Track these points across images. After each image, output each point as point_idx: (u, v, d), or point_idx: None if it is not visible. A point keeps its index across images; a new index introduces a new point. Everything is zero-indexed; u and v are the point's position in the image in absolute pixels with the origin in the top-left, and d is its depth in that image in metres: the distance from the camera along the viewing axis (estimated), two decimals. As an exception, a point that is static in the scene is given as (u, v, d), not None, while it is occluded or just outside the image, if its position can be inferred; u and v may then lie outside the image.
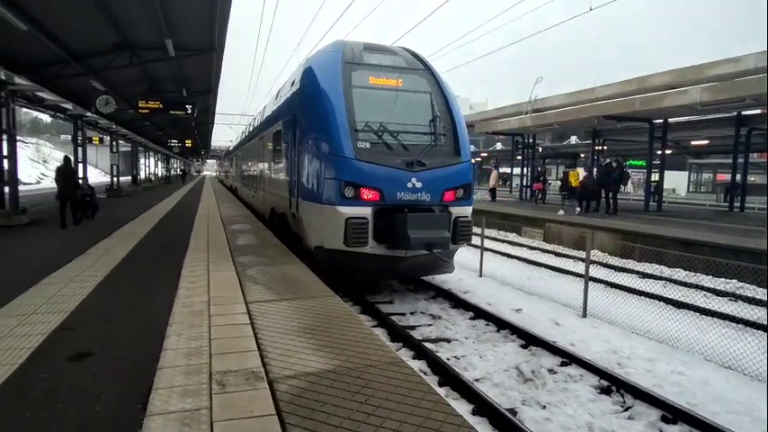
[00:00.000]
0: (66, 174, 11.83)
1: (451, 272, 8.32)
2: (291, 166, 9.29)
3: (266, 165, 13.12)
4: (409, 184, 7.58)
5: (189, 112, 15.23)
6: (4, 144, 11.98)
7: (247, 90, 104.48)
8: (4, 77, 11.37)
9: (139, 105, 14.75)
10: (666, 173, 20.40)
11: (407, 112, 8.19)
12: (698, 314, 7.84)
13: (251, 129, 19.43)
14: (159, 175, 52.78)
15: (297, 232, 8.98)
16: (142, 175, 40.98)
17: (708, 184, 40.51)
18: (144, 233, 10.41)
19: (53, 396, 3.21)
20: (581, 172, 18.72)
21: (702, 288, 9.44)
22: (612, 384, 5.32)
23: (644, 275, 10.56)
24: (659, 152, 19.42)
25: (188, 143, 33.30)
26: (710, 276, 9.93)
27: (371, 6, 19.60)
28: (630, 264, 11.54)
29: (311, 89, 8.24)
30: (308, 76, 8.44)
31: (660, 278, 10.25)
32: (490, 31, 18.55)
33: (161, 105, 14.92)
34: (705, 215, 17.58)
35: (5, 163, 12.10)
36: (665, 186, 20.61)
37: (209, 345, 4.02)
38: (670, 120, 19.02)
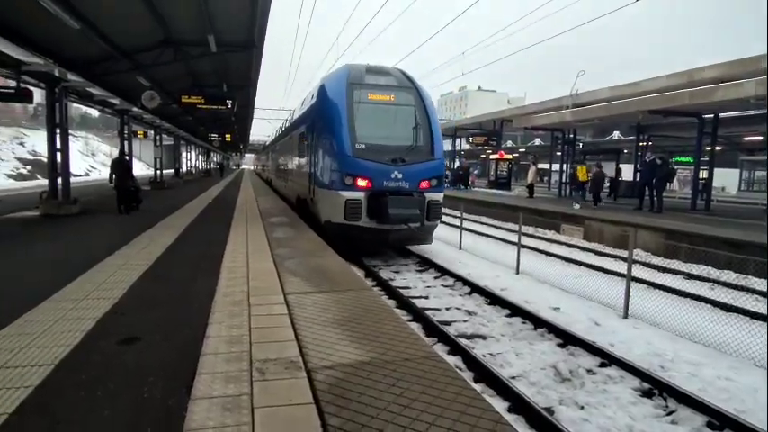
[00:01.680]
0: (122, 165, 12.94)
1: (430, 243, 11.29)
2: (310, 161, 12.23)
3: (293, 160, 16.44)
4: (392, 175, 10.30)
5: (229, 106, 15.59)
6: (57, 138, 12.60)
7: (285, 85, 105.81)
8: (58, 74, 11.94)
9: (182, 100, 15.20)
10: (716, 170, 19.54)
11: (395, 122, 10.83)
12: (748, 318, 7.51)
13: (282, 129, 23.62)
14: (200, 168, 54.27)
15: (313, 212, 11.88)
16: (184, 169, 42.23)
17: (761, 182, 38.52)
18: (186, 224, 10.76)
19: (105, 377, 3.39)
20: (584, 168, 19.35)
21: (753, 291, 9.02)
22: (655, 387, 5.17)
23: (690, 276, 10.18)
24: (708, 148, 18.60)
25: (227, 137, 34.05)
26: (762, 279, 9.47)
27: (407, 3, 19.52)
28: (675, 264, 11.15)
29: (323, 103, 11.12)
30: (322, 92, 11.36)
31: (707, 280, 9.86)
32: (523, 28, 18.18)
33: (203, 100, 15.33)
34: (757, 215, 16.77)
35: (58, 156, 12.73)
36: (713, 184, 19.75)
37: (250, 333, 4.13)
38: (721, 114, 18.18)
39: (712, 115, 17.82)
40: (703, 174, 18.76)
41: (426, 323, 6.94)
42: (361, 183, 10.28)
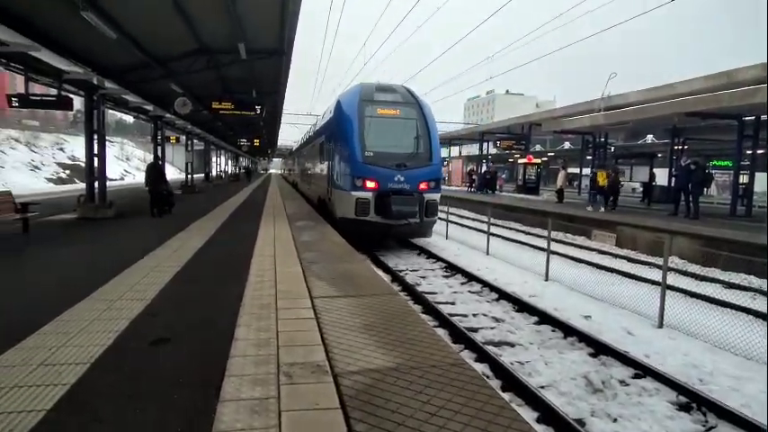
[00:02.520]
0: (156, 170, 13.46)
1: (429, 237, 13.64)
2: (328, 166, 14.81)
3: (314, 165, 19.69)
4: (396, 178, 12.43)
5: (258, 112, 15.84)
6: (95, 143, 13.05)
7: (313, 90, 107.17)
8: (96, 82, 12.38)
9: (212, 106, 15.52)
10: (757, 175, 18.79)
11: (399, 133, 13.04)
12: (793, 330, 7.17)
13: (306, 137, 27.37)
14: (229, 172, 55.28)
15: (330, 210, 14.17)
16: (213, 173, 43.09)
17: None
18: (215, 228, 10.98)
19: (137, 377, 3.46)
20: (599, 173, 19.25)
21: (798, 301, 8.61)
22: (693, 401, 4.99)
23: (729, 285, 9.81)
24: (749, 152, 17.92)
25: (256, 142, 34.63)
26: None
27: (437, 6, 19.49)
28: (714, 272, 10.76)
29: (339, 117, 13.51)
30: (338, 108, 13.74)
31: (749, 289, 9.47)
32: (553, 30, 17.91)
33: (232, 106, 15.62)
34: (802, 221, 16.03)
35: (95, 161, 13.17)
36: (754, 189, 19.01)
37: (277, 337, 4.17)
38: (763, 117, 17.50)
39: (753, 117, 17.18)
40: (743, 178, 18.07)
41: (453, 329, 6.88)
42: (370, 184, 12.40)
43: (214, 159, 44.44)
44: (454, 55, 27.17)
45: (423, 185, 12.67)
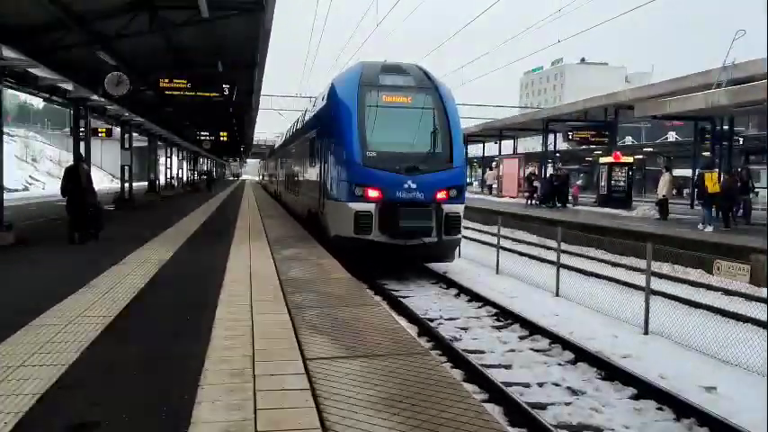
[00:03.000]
0: (78, 176, 13.22)
1: (451, 261, 14.94)
2: (320, 170, 15.74)
3: (302, 169, 20.76)
4: (405, 186, 13.22)
5: (226, 93, 16.12)
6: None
7: (303, 66, 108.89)
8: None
9: (161, 85, 15.82)
10: None
11: (411, 126, 13.96)
12: None
13: (292, 132, 28.17)
14: (186, 179, 55.98)
15: (323, 226, 15.05)
16: (162, 180, 43.61)
17: None
18: (165, 259, 11.10)
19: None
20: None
21: None
22: None
23: None
24: None
25: (223, 137, 34.99)
26: None
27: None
28: None
29: (333, 106, 14.51)
30: (332, 95, 14.73)
31: None
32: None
33: (189, 85, 15.91)
34: None
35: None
36: None
37: (255, 419, 4.15)
38: None
39: None
40: None
41: (510, 406, 6.81)
42: (372, 193, 13.27)
43: (163, 161, 45.17)
44: (505, 8, 27.34)
45: (441, 194, 13.60)
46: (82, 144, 20.09)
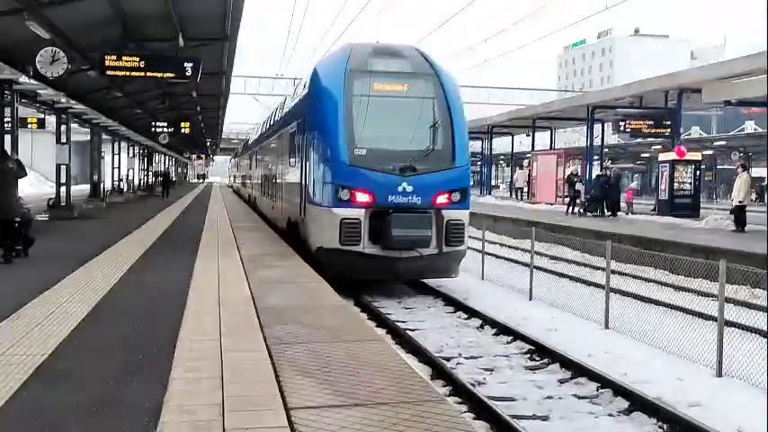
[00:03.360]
0: (1, 178, 13.30)
1: (454, 277, 15.71)
2: (301, 170, 16.80)
3: (280, 170, 22.30)
4: (400, 188, 14.11)
5: (188, 74, 16.12)
6: None
7: (286, 41, 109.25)
8: None
9: (107, 64, 15.83)
10: None
11: (407, 119, 15.00)
12: None
13: (270, 123, 29.53)
14: (139, 181, 55.99)
15: (304, 237, 16.23)
16: (108, 183, 43.62)
17: None
18: (113, 281, 11.11)
19: None
20: None
21: None
22: None
23: None
24: None
25: (185, 128, 35.02)
26: None
27: None
28: None
29: (315, 96, 15.53)
30: (314, 82, 15.76)
31: None
32: None
33: (142, 64, 15.92)
34: None
35: None
36: None
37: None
38: None
39: None
40: None
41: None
42: (362, 198, 14.25)
43: (109, 159, 45.25)
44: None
45: (441, 198, 14.63)
46: (7, 138, 20.04)
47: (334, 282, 12.25)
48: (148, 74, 16.18)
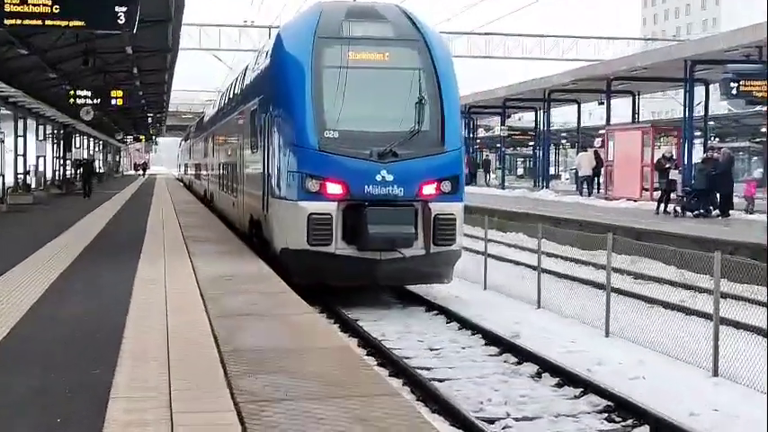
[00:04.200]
0: None
1: (446, 283, 17.89)
2: (263, 157, 18.89)
3: (243, 156, 24.49)
4: (378, 177, 15.78)
5: (121, 21, 16.15)
6: None
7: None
8: None
9: (6, 9, 15.87)
10: None
11: (387, 94, 17.11)
12: None
13: (229, 97, 32.49)
14: (54, 173, 55.91)
15: (268, 237, 18.29)
16: (10, 177, 43.64)
17: None
18: (24, 307, 11.09)
19: None
20: None
21: None
22: None
23: None
24: None
25: (116, 98, 35.05)
26: None
27: None
28: None
29: (279, 68, 17.55)
30: (277, 51, 17.80)
31: None
32: None
33: (57, 9, 15.95)
34: None
35: None
36: None
37: None
38: None
39: None
40: None
41: None
42: (333, 189, 16.09)
43: (9, 142, 45.22)
44: None
45: (428, 189, 16.51)
46: None
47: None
48: (66, 23, 16.19)
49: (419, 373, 12.62)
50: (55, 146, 58.62)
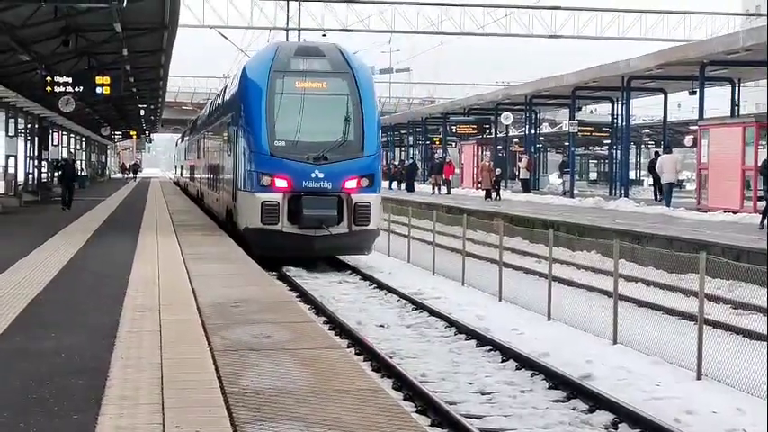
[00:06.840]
0: None
1: (367, 254, 33.08)
2: (233, 160, 33.93)
3: (223, 159, 39.07)
4: (313, 175, 29.91)
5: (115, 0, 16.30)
6: None
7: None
8: None
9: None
10: None
11: (322, 114, 31.49)
12: None
13: (214, 108, 47.49)
14: (26, 177, 56.43)
15: (235, 220, 33.51)
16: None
17: None
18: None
19: None
20: None
21: None
22: None
23: None
24: None
25: (102, 85, 35.39)
26: None
27: None
28: None
29: (243, 93, 32.21)
30: (243, 80, 32.64)
31: None
32: None
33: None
34: None
35: None
36: None
37: None
38: None
39: None
40: None
41: None
42: (280, 183, 28.98)
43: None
44: None
45: (350, 183, 29.24)
46: None
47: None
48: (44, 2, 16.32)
49: (464, 422, 12.30)
50: (28, 143, 59.03)
